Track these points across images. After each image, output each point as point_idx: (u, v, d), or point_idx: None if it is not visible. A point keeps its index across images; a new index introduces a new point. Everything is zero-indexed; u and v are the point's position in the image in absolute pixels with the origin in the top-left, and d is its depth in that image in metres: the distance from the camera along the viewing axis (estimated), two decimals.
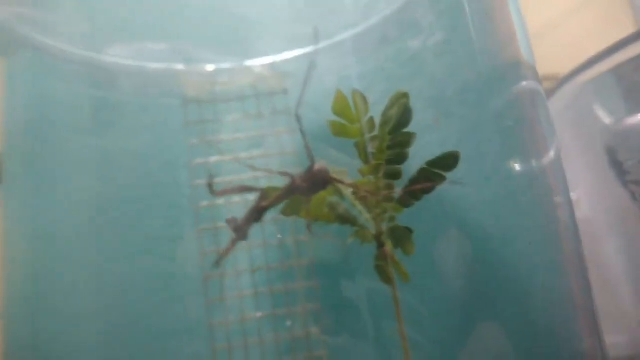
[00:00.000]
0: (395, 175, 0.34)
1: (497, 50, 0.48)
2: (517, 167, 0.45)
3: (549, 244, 0.46)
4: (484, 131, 0.42)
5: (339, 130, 0.35)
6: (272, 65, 0.48)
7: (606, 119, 0.46)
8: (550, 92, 0.55)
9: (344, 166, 0.41)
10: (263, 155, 0.45)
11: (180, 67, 0.46)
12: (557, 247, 0.45)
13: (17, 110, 0.47)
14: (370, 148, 0.34)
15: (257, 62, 0.48)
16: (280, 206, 0.38)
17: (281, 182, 0.44)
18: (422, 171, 0.33)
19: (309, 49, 0.47)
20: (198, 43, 0.47)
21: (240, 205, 0.44)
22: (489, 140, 0.42)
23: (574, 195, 0.43)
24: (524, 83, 0.45)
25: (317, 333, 0.41)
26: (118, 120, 0.46)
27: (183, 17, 0.45)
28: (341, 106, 0.34)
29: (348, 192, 0.35)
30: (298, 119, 0.33)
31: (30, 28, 0.42)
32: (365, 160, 0.34)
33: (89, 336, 0.43)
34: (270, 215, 0.42)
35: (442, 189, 0.40)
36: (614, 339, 0.48)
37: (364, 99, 0.34)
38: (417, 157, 0.38)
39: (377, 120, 0.36)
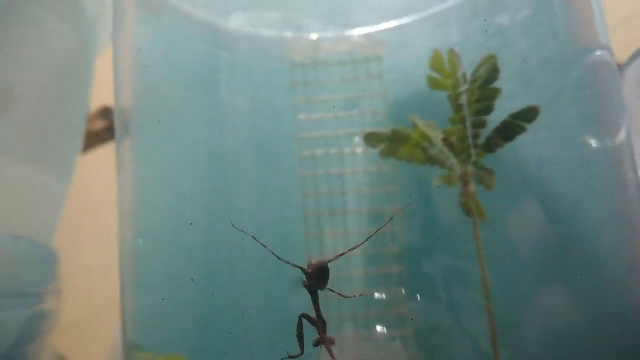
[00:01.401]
0: (482, 125, 0.39)
1: (577, 28, 0.51)
2: (591, 136, 0.48)
3: (617, 209, 0.49)
4: (563, 100, 0.46)
5: (435, 84, 0.40)
6: (369, 35, 0.53)
7: None
8: (623, 66, 0.57)
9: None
10: (358, 114, 0.51)
11: (289, 34, 0.53)
12: (624, 210, 0.48)
13: (147, 69, 0.56)
14: (462, 100, 0.39)
15: (355, 32, 0.54)
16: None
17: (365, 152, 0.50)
18: (505, 122, 0.38)
19: (403, 20, 0.52)
20: (305, 14, 0.53)
21: (336, 156, 0.51)
22: (567, 108, 0.46)
23: None
24: (600, 56, 0.48)
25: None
26: (233, 80, 0.54)
27: None
28: (437, 63, 0.40)
29: (438, 139, 0.41)
30: None
31: None
32: (457, 110, 0.39)
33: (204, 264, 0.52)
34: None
35: (522, 152, 0.45)
36: None
37: (458, 57, 0.39)
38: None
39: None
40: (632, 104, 0.53)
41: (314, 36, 0.53)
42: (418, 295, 0.46)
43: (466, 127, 0.39)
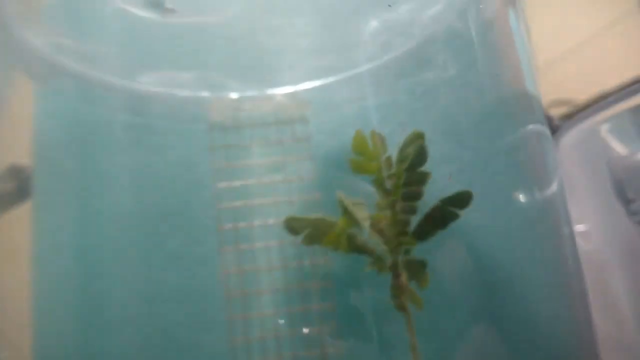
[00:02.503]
0: (411, 211, 0.36)
1: (505, 85, 0.51)
2: (524, 199, 0.47)
3: (553, 269, 0.48)
4: (495, 164, 0.45)
5: (358, 167, 0.37)
6: (293, 94, 0.50)
7: (617, 154, 0.48)
8: (565, 124, 0.57)
9: (362, 193, 0.44)
10: (284, 180, 0.47)
11: (205, 94, 0.49)
12: (560, 271, 0.47)
13: (52, 130, 0.50)
14: (388, 185, 0.36)
15: (278, 91, 0.50)
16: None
17: (300, 209, 0.46)
18: (437, 208, 0.35)
19: (328, 79, 0.49)
20: (223, 72, 0.49)
21: (260, 228, 0.46)
22: (500, 173, 0.44)
23: (583, 227, 0.45)
24: (531, 118, 0.47)
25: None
26: (148, 143, 0.48)
27: (210, 48, 0.48)
28: (360, 145, 0.37)
29: (366, 224, 0.37)
30: None
31: (67, 57, 0.44)
32: (383, 196, 0.36)
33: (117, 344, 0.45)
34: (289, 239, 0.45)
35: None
36: None
37: (382, 139, 0.37)
38: (434, 187, 0.40)
39: (394, 156, 0.39)
40: (568, 168, 0.53)
41: (233, 95, 0.49)
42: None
43: (395, 212, 0.36)
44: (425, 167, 0.35)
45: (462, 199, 0.34)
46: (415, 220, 0.36)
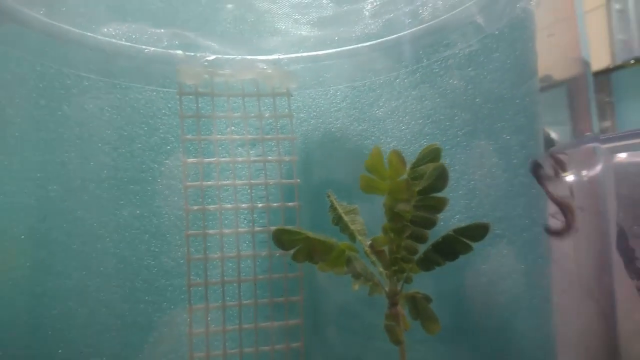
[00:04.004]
0: (421, 238, 0.31)
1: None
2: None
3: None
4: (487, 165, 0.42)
5: (368, 185, 0.32)
6: (278, 63, 0.45)
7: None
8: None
9: (346, 187, 0.40)
10: (260, 160, 0.42)
11: (178, 52, 0.43)
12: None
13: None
14: (400, 207, 0.31)
15: (262, 58, 0.45)
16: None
17: (276, 194, 0.42)
18: (448, 237, 0.30)
19: (319, 52, 0.44)
20: (200, 31, 0.43)
21: (231, 212, 0.42)
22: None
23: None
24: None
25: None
26: (108, 101, 0.42)
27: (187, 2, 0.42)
28: (375, 162, 0.31)
29: (363, 241, 0.33)
30: None
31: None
32: (392, 218, 0.31)
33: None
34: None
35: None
36: None
37: (402, 160, 0.31)
38: None
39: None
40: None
41: (210, 57, 0.43)
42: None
43: (401, 237, 0.31)
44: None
45: (477, 231, 0.30)
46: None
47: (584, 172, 0.43)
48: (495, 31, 0.41)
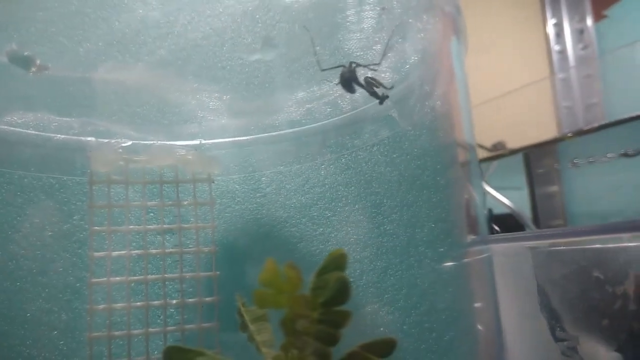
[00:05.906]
0: (324, 356, 0.28)
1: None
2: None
3: None
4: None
5: (262, 301, 0.29)
6: (199, 149, 0.43)
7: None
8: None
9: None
10: (176, 252, 0.40)
11: (90, 139, 0.40)
12: None
13: None
14: (298, 324, 0.28)
15: (182, 143, 0.43)
16: None
17: (193, 288, 0.39)
18: (353, 354, 0.28)
19: (242, 139, 0.43)
20: (114, 117, 0.41)
21: (141, 311, 0.38)
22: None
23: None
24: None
25: None
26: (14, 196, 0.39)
27: (100, 96, 0.40)
28: (270, 277, 0.29)
29: (266, 354, 0.30)
30: None
31: None
32: (291, 333, 0.28)
33: None
34: None
35: None
36: None
37: (298, 273, 0.29)
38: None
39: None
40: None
41: (126, 143, 0.41)
42: None
43: (303, 354, 0.28)
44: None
45: (383, 346, 0.28)
46: None
47: None
48: (408, 127, 0.41)
